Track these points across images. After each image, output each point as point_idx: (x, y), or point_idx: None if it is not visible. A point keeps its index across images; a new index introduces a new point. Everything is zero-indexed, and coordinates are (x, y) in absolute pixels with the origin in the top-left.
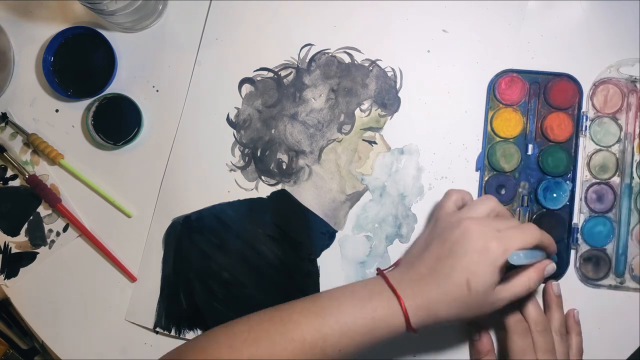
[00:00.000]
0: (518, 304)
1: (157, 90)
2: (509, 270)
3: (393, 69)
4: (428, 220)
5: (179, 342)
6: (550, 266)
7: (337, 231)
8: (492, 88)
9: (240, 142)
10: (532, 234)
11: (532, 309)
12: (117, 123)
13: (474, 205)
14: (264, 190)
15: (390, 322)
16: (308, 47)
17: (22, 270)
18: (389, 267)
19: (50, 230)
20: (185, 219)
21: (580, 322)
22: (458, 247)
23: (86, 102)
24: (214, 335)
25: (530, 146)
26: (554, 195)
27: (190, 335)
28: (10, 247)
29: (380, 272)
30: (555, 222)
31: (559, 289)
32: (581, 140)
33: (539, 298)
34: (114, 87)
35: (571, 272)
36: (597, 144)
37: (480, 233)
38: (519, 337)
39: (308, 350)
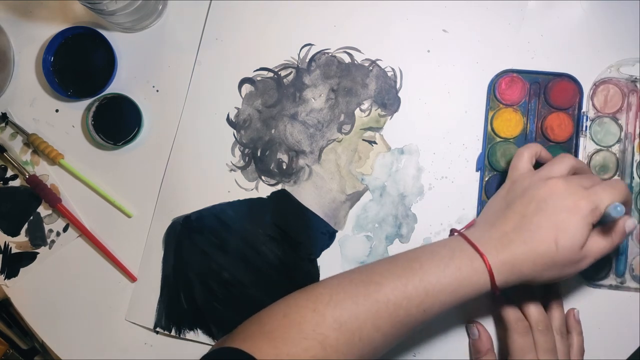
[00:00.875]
0: (518, 302)
1: (157, 90)
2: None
3: (393, 69)
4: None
5: (179, 342)
6: (631, 221)
7: (337, 231)
8: (492, 88)
9: (240, 142)
10: (620, 189)
11: (533, 308)
12: (117, 123)
13: (553, 164)
14: (264, 190)
15: (475, 280)
16: (308, 47)
17: (22, 270)
18: (463, 228)
19: (51, 230)
20: (185, 219)
21: (581, 322)
22: (546, 205)
23: (86, 102)
24: (294, 300)
25: None
26: None
27: (190, 335)
28: (10, 247)
29: (457, 231)
30: None
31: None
32: (581, 140)
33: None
34: (114, 87)
35: None
36: (597, 144)
37: (568, 191)
38: (520, 336)
39: (392, 310)
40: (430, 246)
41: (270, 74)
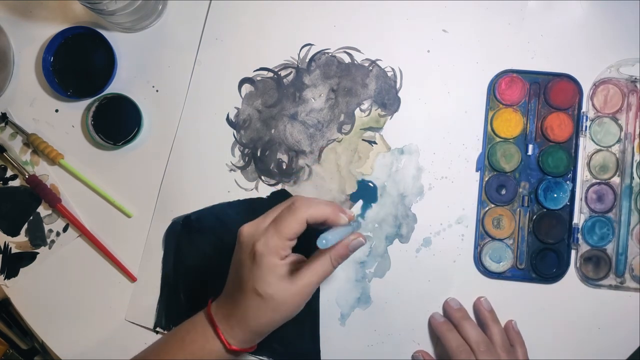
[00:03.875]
0: (457, 327)
1: (157, 90)
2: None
3: (393, 69)
4: None
5: None
6: (356, 241)
7: None
8: (492, 88)
9: (240, 142)
10: (296, 218)
11: (470, 330)
12: (117, 123)
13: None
14: (264, 190)
15: (210, 349)
16: (308, 47)
17: (22, 270)
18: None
19: (50, 230)
20: (185, 219)
21: (580, 322)
22: (237, 258)
23: (86, 102)
24: None
25: (530, 146)
26: (555, 195)
27: None
28: (10, 247)
29: (209, 302)
30: (556, 222)
31: (489, 304)
32: (581, 140)
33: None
34: (114, 87)
35: (571, 272)
36: (597, 144)
37: (248, 236)
38: None
39: None
40: (181, 324)
41: (270, 74)
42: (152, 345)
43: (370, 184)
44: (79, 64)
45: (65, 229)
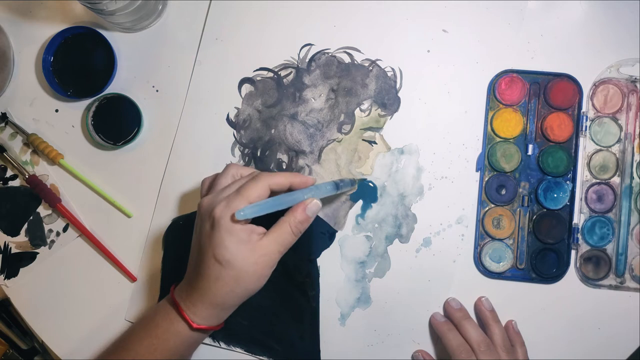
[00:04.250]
0: (457, 327)
1: (157, 90)
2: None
3: (393, 69)
4: None
5: None
6: (313, 203)
7: (337, 231)
8: (492, 88)
9: (240, 142)
10: (258, 182)
11: (471, 330)
12: (117, 123)
13: (216, 180)
14: None
15: (174, 330)
16: (308, 47)
17: (22, 270)
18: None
19: (50, 230)
20: (185, 219)
21: (580, 322)
22: (198, 230)
23: (86, 102)
24: None
25: (530, 146)
26: (555, 195)
27: None
28: (10, 247)
29: (172, 286)
30: (556, 222)
31: (490, 303)
32: (581, 140)
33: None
34: (113, 87)
35: (571, 272)
36: (597, 144)
37: (208, 205)
38: None
39: None
40: (144, 313)
41: (270, 74)
42: (120, 336)
43: (370, 184)
44: (79, 64)
45: (65, 229)
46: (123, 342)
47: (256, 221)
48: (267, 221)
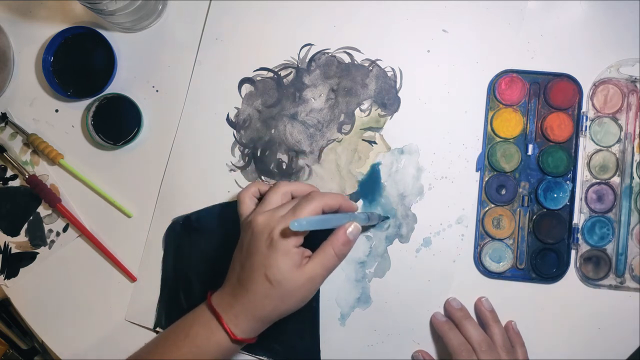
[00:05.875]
0: (458, 327)
1: (157, 90)
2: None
3: (393, 69)
4: None
5: None
6: (353, 226)
7: None
8: (492, 88)
9: (240, 142)
10: (313, 202)
11: (472, 330)
12: (117, 123)
13: (266, 197)
14: None
15: (215, 340)
16: (308, 47)
17: (22, 270)
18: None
19: (50, 230)
20: (185, 219)
21: (580, 322)
22: (250, 246)
23: (86, 102)
24: None
25: (530, 146)
26: (555, 195)
27: None
28: (10, 247)
29: (208, 294)
30: (556, 222)
31: (490, 304)
32: (581, 140)
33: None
34: (113, 87)
35: (571, 272)
36: (597, 144)
37: (263, 224)
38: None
39: None
40: (182, 318)
41: (270, 74)
42: (154, 340)
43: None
44: (79, 64)
45: (65, 229)
46: (158, 348)
47: None
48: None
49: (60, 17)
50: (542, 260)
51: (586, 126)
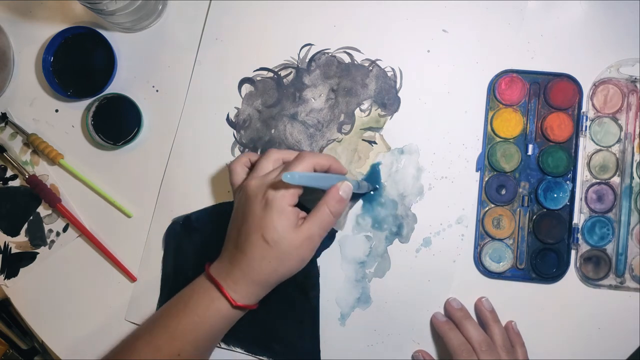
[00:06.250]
0: (458, 327)
1: (157, 90)
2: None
3: (393, 69)
4: None
5: None
6: (345, 184)
7: (337, 231)
8: (492, 88)
9: (240, 142)
10: (304, 161)
11: (472, 330)
12: (117, 123)
13: (258, 164)
14: None
15: (215, 308)
16: (308, 47)
17: (22, 270)
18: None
19: (50, 230)
20: (185, 219)
21: (580, 322)
22: (245, 210)
23: (86, 102)
24: None
25: (530, 146)
26: (555, 195)
27: None
28: (10, 247)
29: (206, 266)
30: (556, 222)
31: (490, 304)
32: (581, 140)
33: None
34: (113, 87)
35: (571, 272)
36: (597, 144)
37: (257, 187)
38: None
39: None
40: (182, 290)
41: (270, 74)
42: (155, 314)
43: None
44: (79, 64)
45: (65, 229)
46: (159, 320)
47: None
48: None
49: (60, 17)
50: (542, 260)
51: (586, 126)
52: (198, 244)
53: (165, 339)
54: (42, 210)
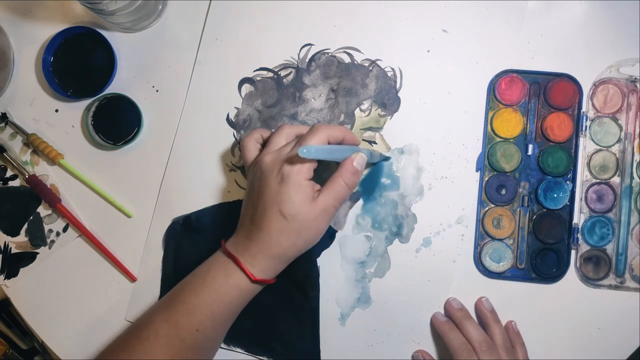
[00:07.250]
0: (458, 327)
1: (157, 90)
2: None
3: (393, 69)
4: None
5: None
6: (359, 156)
7: (337, 231)
8: (492, 88)
9: (240, 142)
10: (317, 133)
11: (472, 330)
12: (117, 123)
13: (271, 139)
14: None
15: (233, 282)
16: (308, 47)
17: (22, 270)
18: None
19: (50, 230)
20: (185, 219)
21: (580, 322)
22: (261, 185)
23: (86, 102)
24: None
25: (530, 146)
26: (555, 195)
27: None
28: (10, 247)
29: (222, 242)
30: (556, 222)
31: (490, 304)
32: (581, 140)
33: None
34: (113, 87)
35: (571, 272)
36: (597, 144)
37: (272, 162)
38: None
39: (165, 343)
40: (196, 268)
41: (270, 74)
42: (171, 291)
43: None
44: (79, 64)
45: (65, 229)
46: (176, 296)
47: None
48: None
49: (60, 17)
50: (542, 260)
51: (586, 126)
52: (198, 244)
53: (183, 314)
54: (42, 210)
